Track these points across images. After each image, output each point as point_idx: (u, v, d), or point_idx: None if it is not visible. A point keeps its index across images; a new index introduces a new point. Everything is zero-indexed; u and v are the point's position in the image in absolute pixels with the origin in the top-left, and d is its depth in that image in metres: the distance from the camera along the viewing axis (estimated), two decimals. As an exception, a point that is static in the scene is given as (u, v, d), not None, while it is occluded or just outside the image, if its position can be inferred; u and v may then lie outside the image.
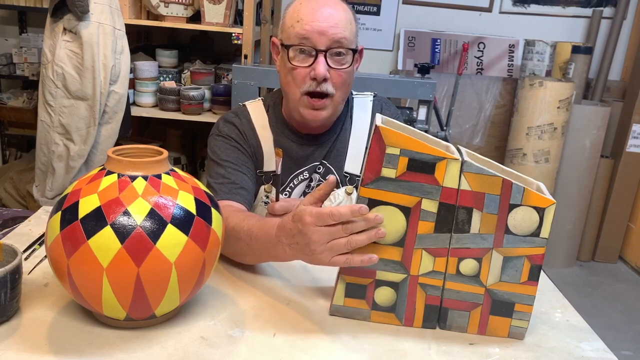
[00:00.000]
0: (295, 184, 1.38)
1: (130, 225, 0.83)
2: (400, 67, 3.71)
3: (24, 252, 1.16)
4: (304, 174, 1.38)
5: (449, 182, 0.92)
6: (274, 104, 1.39)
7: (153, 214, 0.85)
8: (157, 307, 0.89)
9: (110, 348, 0.87)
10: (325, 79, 1.23)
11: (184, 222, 0.87)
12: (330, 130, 1.38)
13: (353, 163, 1.39)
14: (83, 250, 0.83)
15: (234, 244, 1.12)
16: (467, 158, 0.93)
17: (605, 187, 3.57)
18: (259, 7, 2.92)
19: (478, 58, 3.70)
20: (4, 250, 0.97)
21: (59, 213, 0.87)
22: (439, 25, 3.72)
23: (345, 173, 1.39)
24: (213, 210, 0.93)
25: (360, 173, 1.37)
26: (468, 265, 0.96)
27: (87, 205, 0.85)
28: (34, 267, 1.10)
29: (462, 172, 0.92)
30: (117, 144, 2.52)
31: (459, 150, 0.95)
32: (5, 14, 3.59)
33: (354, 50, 1.26)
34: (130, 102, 2.76)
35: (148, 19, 2.82)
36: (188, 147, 3.29)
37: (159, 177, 0.90)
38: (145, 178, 0.89)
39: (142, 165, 0.90)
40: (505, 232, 0.94)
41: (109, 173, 0.89)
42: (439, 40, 3.71)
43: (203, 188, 0.96)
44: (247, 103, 1.41)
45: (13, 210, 1.43)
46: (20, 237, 1.24)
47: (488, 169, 0.92)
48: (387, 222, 0.94)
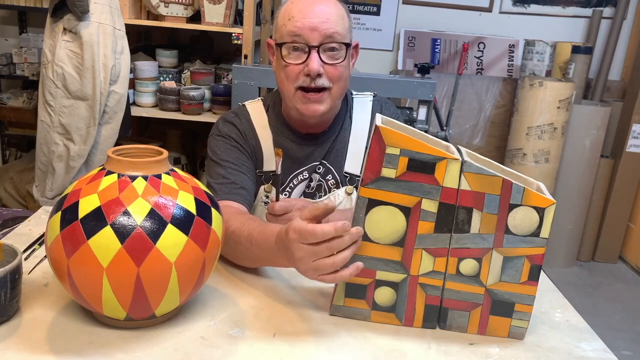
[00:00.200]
0: (295, 184, 1.38)
1: (130, 225, 0.83)
2: (400, 67, 3.71)
3: (24, 252, 1.16)
4: (304, 174, 1.38)
5: (449, 182, 0.92)
6: (274, 104, 1.39)
7: (153, 214, 0.85)
8: (157, 307, 0.89)
9: (110, 348, 0.87)
10: (320, 75, 1.23)
11: (184, 222, 0.87)
12: (330, 130, 1.38)
13: (353, 163, 1.38)
14: (83, 250, 0.83)
15: (234, 248, 1.12)
16: (467, 158, 0.93)
17: (605, 187, 3.57)
18: (259, 7, 2.92)
19: (478, 58, 3.70)
20: (4, 250, 0.97)
21: (59, 213, 0.87)
22: (439, 25, 3.72)
23: (345, 173, 1.39)
24: (213, 210, 0.93)
25: (360, 173, 1.37)
26: (468, 265, 0.96)
27: (87, 205, 0.85)
28: (34, 267, 1.10)
29: (462, 172, 0.92)
30: (117, 144, 2.52)
31: (459, 150, 0.95)
32: (5, 14, 3.59)
33: (348, 45, 1.26)
34: (130, 102, 2.75)
35: (148, 19, 2.82)
36: (188, 147, 3.29)
37: (159, 177, 0.90)
38: (145, 178, 0.89)
39: (142, 165, 0.90)
40: (505, 232, 0.94)
41: (109, 173, 0.89)
42: (439, 40, 3.71)
43: (203, 188, 0.96)
44: (246, 103, 1.41)
45: (13, 210, 1.43)
46: (20, 237, 1.24)
47: (488, 169, 0.92)
48: (387, 222, 0.94)
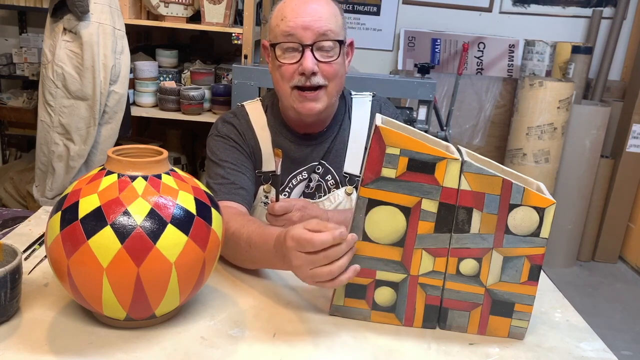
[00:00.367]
0: (294, 184, 1.38)
1: (130, 225, 0.83)
2: (400, 67, 3.71)
3: (24, 252, 1.16)
4: (303, 174, 1.38)
5: (449, 182, 0.92)
6: (272, 104, 1.39)
7: (153, 214, 0.85)
8: (157, 307, 0.89)
9: (110, 348, 0.87)
10: (315, 73, 1.23)
11: (184, 222, 0.87)
12: (328, 130, 1.38)
13: (352, 163, 1.38)
14: (83, 250, 0.83)
15: (233, 249, 1.12)
16: (467, 158, 0.93)
17: (605, 187, 3.57)
18: (259, 7, 2.92)
19: (478, 58, 3.70)
20: (4, 250, 0.97)
21: (59, 213, 0.87)
22: (439, 25, 3.72)
23: (345, 173, 1.39)
24: (213, 210, 0.93)
25: (360, 173, 1.37)
26: (468, 265, 0.96)
27: (87, 205, 0.85)
28: (34, 267, 1.10)
29: (462, 172, 0.92)
30: (117, 144, 2.52)
31: (459, 150, 0.95)
32: (5, 14, 3.59)
33: (341, 42, 1.26)
34: (130, 102, 2.75)
35: (148, 19, 2.82)
36: (188, 147, 3.29)
37: (159, 177, 0.90)
38: (145, 178, 0.89)
39: (142, 165, 0.90)
40: (505, 232, 0.94)
41: (109, 173, 0.89)
42: (439, 40, 3.71)
43: (203, 188, 0.96)
44: (245, 103, 1.42)
45: (13, 210, 1.43)
46: (20, 237, 1.24)
47: (488, 169, 0.92)
48: (387, 222, 0.94)
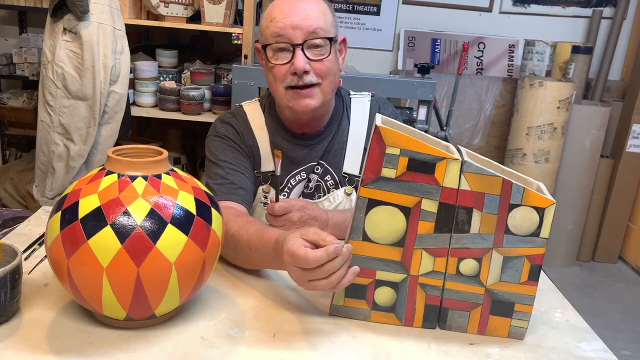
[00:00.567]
0: (293, 184, 1.38)
1: (130, 225, 0.83)
2: (400, 67, 3.71)
3: (24, 252, 1.16)
4: (301, 174, 1.38)
5: (449, 182, 0.92)
6: (269, 104, 1.39)
7: (153, 214, 0.85)
8: (157, 307, 0.89)
9: (110, 348, 0.87)
10: (307, 72, 1.23)
11: (184, 222, 0.87)
12: (325, 130, 1.38)
13: (351, 163, 1.38)
14: (83, 250, 0.83)
15: (233, 250, 1.13)
16: (467, 158, 0.93)
17: (605, 187, 3.57)
18: (259, 7, 2.92)
19: (478, 58, 3.70)
20: (4, 250, 0.97)
21: (59, 213, 0.87)
22: (439, 25, 3.72)
23: (344, 174, 1.39)
24: (213, 211, 0.93)
25: (359, 173, 1.37)
26: (468, 265, 0.96)
27: (87, 205, 0.85)
28: (34, 267, 1.10)
29: (462, 172, 0.92)
30: (117, 144, 2.52)
31: (459, 150, 0.95)
32: (5, 14, 3.59)
33: (332, 40, 1.26)
34: (130, 102, 2.75)
35: (148, 19, 2.82)
36: (188, 147, 3.29)
37: (159, 177, 0.90)
38: (145, 178, 0.89)
39: (142, 165, 0.90)
40: (505, 232, 0.94)
41: (109, 173, 0.89)
42: (439, 40, 3.71)
43: (203, 188, 0.96)
44: (243, 104, 1.42)
45: (13, 210, 1.43)
46: (20, 237, 1.24)
47: (488, 169, 0.92)
48: (387, 222, 0.94)
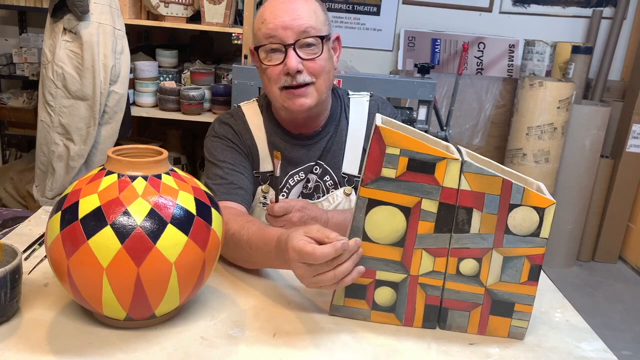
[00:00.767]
0: (292, 185, 1.38)
1: (130, 225, 0.83)
2: (400, 67, 3.71)
3: (24, 252, 1.16)
4: (300, 175, 1.38)
5: (449, 182, 0.92)
6: (267, 105, 1.39)
7: (153, 214, 0.85)
8: (157, 307, 0.89)
9: (110, 348, 0.87)
10: (300, 71, 1.23)
11: (184, 222, 0.87)
12: (323, 130, 1.38)
13: (350, 164, 1.38)
14: (83, 250, 0.83)
15: (234, 250, 1.13)
16: (467, 158, 0.93)
17: (605, 187, 3.57)
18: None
19: (478, 58, 3.70)
20: (4, 250, 0.97)
21: (59, 213, 0.87)
22: (439, 25, 3.72)
23: (343, 174, 1.38)
24: (213, 211, 0.93)
25: (358, 173, 1.37)
26: (468, 265, 0.96)
27: (87, 205, 0.85)
28: (34, 267, 1.10)
29: (462, 172, 0.92)
30: (117, 144, 2.52)
31: (459, 150, 0.95)
32: (5, 14, 3.59)
33: (324, 38, 1.25)
34: (130, 102, 2.75)
35: (148, 19, 2.82)
36: (188, 147, 3.29)
37: (159, 177, 0.90)
38: (145, 178, 0.89)
39: (142, 165, 0.90)
40: (505, 232, 0.94)
41: (109, 173, 0.89)
42: (439, 40, 3.71)
43: (203, 188, 0.96)
44: (242, 104, 1.42)
45: (13, 210, 1.43)
46: (20, 237, 1.24)
47: (488, 169, 0.92)
48: (387, 222, 0.94)
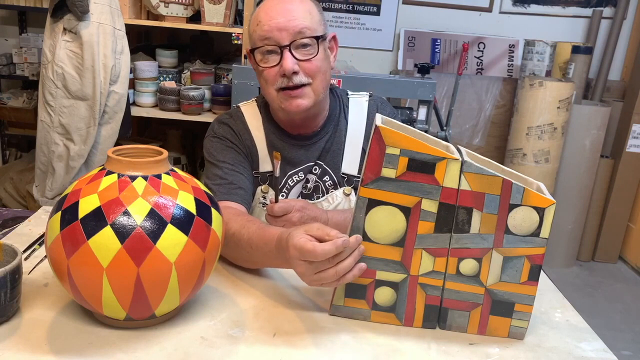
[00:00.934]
0: (291, 185, 1.38)
1: (130, 225, 0.83)
2: (400, 67, 3.71)
3: (24, 252, 1.16)
4: (299, 175, 1.38)
5: (449, 182, 0.92)
6: (265, 105, 1.39)
7: (153, 214, 0.85)
8: (157, 307, 0.89)
9: (110, 348, 0.87)
10: (296, 72, 1.23)
11: (184, 222, 0.87)
12: (322, 130, 1.38)
13: (350, 164, 1.38)
14: (83, 250, 0.83)
15: (234, 250, 1.13)
16: (467, 158, 0.93)
17: (605, 187, 3.57)
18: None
19: (478, 58, 3.70)
20: (4, 250, 0.97)
21: (59, 213, 0.87)
22: (439, 25, 3.72)
23: (343, 174, 1.38)
24: (213, 210, 0.93)
25: (358, 173, 1.37)
26: (468, 265, 0.96)
27: (87, 205, 0.85)
28: (34, 267, 1.10)
29: (462, 172, 0.92)
30: (117, 144, 2.52)
31: (459, 150, 0.95)
32: (5, 14, 3.59)
33: (320, 38, 1.25)
34: (130, 102, 2.75)
35: (148, 19, 2.82)
36: (188, 147, 3.29)
37: (159, 177, 0.90)
38: (145, 178, 0.89)
39: (142, 165, 0.90)
40: (505, 232, 0.94)
41: (109, 173, 0.89)
42: (439, 40, 3.71)
43: (203, 188, 0.96)
44: (241, 105, 1.42)
45: (13, 210, 1.43)
46: (20, 237, 1.24)
47: (488, 169, 0.92)
48: (387, 222, 0.94)
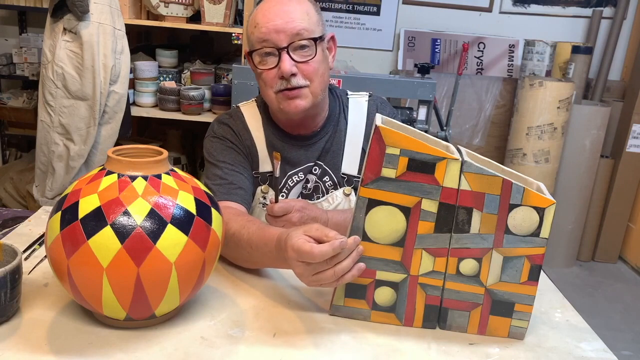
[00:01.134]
0: (291, 185, 1.38)
1: (130, 225, 0.83)
2: (400, 67, 3.71)
3: (24, 252, 1.16)
4: (299, 175, 1.38)
5: (449, 182, 0.92)
6: (264, 105, 1.39)
7: (153, 214, 0.85)
8: (157, 307, 0.89)
9: (110, 348, 0.87)
10: (294, 74, 1.23)
11: (184, 222, 0.87)
12: (321, 130, 1.38)
13: (350, 164, 1.38)
14: (83, 250, 0.83)
15: (234, 250, 1.13)
16: (467, 158, 0.93)
17: (605, 187, 3.57)
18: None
19: (478, 58, 3.70)
20: (4, 250, 0.97)
21: (59, 213, 0.87)
22: (439, 25, 3.72)
23: (343, 174, 1.38)
24: (213, 210, 0.93)
25: (358, 174, 1.37)
26: (468, 265, 0.96)
27: (87, 205, 0.85)
28: (34, 267, 1.10)
29: (462, 172, 0.92)
30: (117, 144, 2.52)
31: (459, 150, 0.95)
32: (5, 14, 3.59)
33: (317, 39, 1.25)
34: (130, 102, 2.75)
35: (148, 19, 2.82)
36: (188, 147, 3.29)
37: (159, 177, 0.90)
38: (145, 178, 0.89)
39: (142, 165, 0.90)
40: (505, 232, 0.94)
41: (109, 173, 0.89)
42: (439, 40, 3.71)
43: (203, 188, 0.96)
44: (240, 105, 1.42)
45: (13, 210, 1.43)
46: (20, 237, 1.24)
47: (488, 169, 0.92)
48: (387, 222, 0.94)
